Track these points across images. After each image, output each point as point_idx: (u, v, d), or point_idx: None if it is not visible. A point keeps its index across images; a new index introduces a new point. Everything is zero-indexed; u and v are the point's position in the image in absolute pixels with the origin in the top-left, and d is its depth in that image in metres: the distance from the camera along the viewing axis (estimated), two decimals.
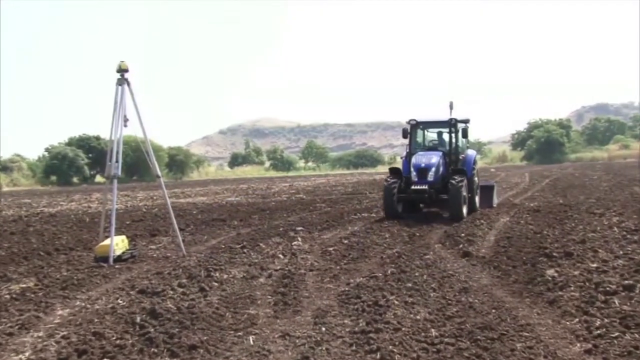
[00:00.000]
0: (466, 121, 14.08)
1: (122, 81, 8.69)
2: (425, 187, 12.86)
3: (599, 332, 4.72)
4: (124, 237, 9.43)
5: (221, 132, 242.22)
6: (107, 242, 8.67)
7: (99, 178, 51.20)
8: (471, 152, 14.45)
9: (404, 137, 13.95)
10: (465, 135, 13.89)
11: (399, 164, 14.35)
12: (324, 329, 5.10)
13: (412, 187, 13.02)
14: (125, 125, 8.72)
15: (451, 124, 13.71)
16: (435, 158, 13.18)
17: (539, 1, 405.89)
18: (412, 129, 14.13)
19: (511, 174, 36.59)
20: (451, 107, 13.96)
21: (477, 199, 14.29)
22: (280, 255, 8.84)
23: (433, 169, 12.96)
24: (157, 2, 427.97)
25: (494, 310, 5.49)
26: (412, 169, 13.19)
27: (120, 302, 6.09)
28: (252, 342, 4.80)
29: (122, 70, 8.70)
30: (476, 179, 14.37)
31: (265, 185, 33.54)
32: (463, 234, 10.25)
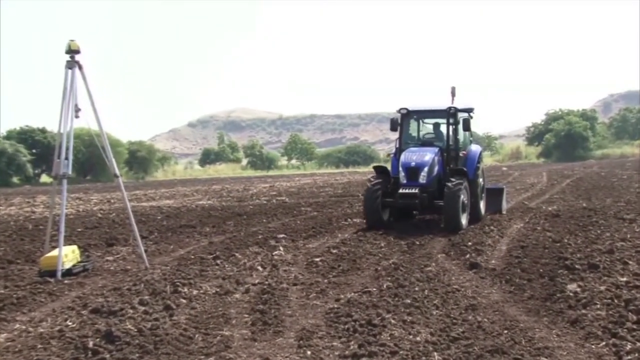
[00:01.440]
0: (469, 110, 13.81)
1: (73, 64, 8.62)
2: (415, 190, 12.28)
3: (629, 357, 4.76)
4: (74, 247, 9.37)
5: (190, 124, 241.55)
6: (54, 253, 8.60)
7: (45, 178, 50.73)
8: (475, 148, 14.06)
9: (393, 129, 13.56)
10: (467, 127, 13.35)
11: None
12: (309, 352, 5.11)
13: (400, 190, 12.48)
14: (77, 116, 8.65)
15: (450, 114, 13.21)
16: (429, 155, 12.66)
17: None
18: (403, 120, 13.73)
19: (526, 173, 36.85)
20: (453, 93, 13.68)
21: (482, 204, 13.89)
22: (259, 267, 8.84)
23: (425, 169, 12.42)
24: None
25: (506, 331, 5.53)
26: (400, 169, 12.73)
27: (70, 323, 6.03)
28: None
29: (72, 51, 8.61)
30: (481, 180, 13.94)
31: (242, 186, 33.47)
32: (470, 243, 10.31)
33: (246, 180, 43.94)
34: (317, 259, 9.30)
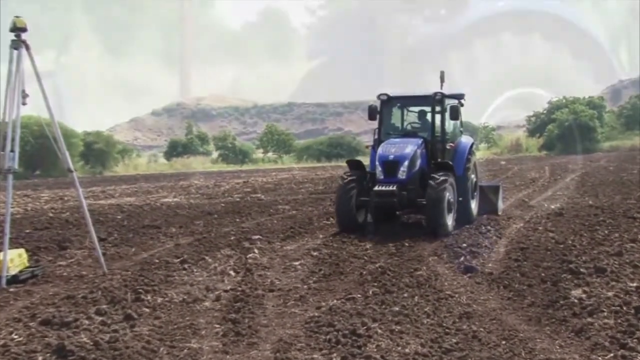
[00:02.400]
0: (459, 97, 13.66)
1: (19, 44, 8.50)
2: (392, 188, 11.92)
3: None
4: (22, 250, 9.28)
5: (155, 113, 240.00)
6: None
7: None
8: (465, 140, 13.86)
9: (371, 118, 13.44)
10: (455, 115, 13.10)
11: None
12: None
13: (376, 187, 12.16)
14: (24, 103, 8.55)
15: (435, 100, 12.97)
16: (410, 147, 12.35)
17: None
18: (384, 108, 13.60)
19: (527, 167, 37.16)
20: (442, 79, 13.50)
21: (473, 204, 13.66)
22: (232, 272, 8.83)
23: (405, 163, 12.10)
24: None
25: (504, 342, 5.58)
26: (377, 163, 12.50)
27: (16, 337, 5.97)
28: None
29: (17, 28, 8.49)
30: (473, 176, 13.72)
31: (213, 182, 33.37)
32: (465, 244, 10.38)
33: (217, 175, 43.82)
34: (296, 263, 9.32)
